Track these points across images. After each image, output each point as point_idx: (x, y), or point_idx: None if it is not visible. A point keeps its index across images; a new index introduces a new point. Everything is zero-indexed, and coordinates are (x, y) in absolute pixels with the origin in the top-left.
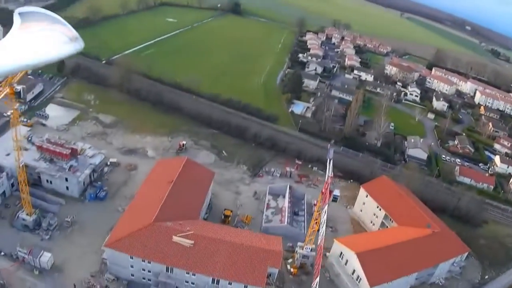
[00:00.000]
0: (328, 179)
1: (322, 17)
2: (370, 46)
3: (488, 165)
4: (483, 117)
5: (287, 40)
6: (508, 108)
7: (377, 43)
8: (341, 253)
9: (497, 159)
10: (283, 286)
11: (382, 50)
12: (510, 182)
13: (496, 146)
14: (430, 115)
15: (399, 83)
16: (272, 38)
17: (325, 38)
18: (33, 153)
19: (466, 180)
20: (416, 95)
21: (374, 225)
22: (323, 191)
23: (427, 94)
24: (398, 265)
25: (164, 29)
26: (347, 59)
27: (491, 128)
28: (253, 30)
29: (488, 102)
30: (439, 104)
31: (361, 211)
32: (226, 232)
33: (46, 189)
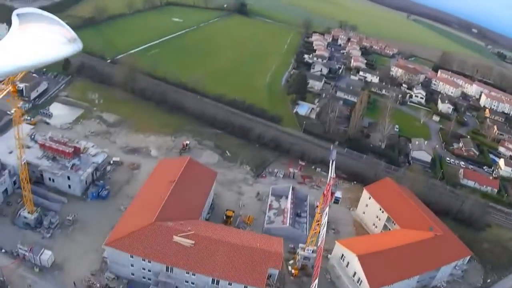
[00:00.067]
0: (330, 180)
1: (328, 18)
2: (376, 47)
3: (493, 168)
4: (488, 120)
5: (293, 41)
6: None
7: (383, 44)
8: (342, 255)
9: (501, 162)
10: (283, 287)
11: (388, 52)
12: None
13: (501, 149)
14: (435, 118)
15: (404, 85)
16: (278, 39)
17: (331, 39)
18: (36, 151)
19: (470, 183)
20: (421, 97)
21: (377, 227)
22: (325, 192)
23: (432, 96)
24: (400, 267)
25: (170, 29)
26: (353, 61)
27: (496, 131)
28: (259, 31)
29: (494, 105)
30: (444, 107)
31: (364, 213)
32: (227, 232)
33: (49, 187)
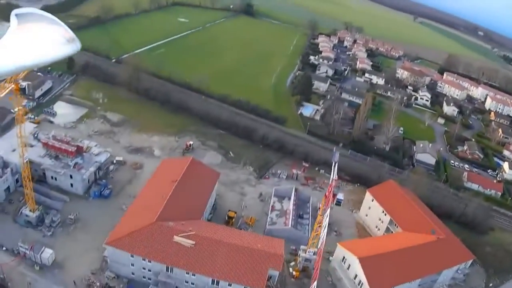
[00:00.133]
0: (332, 182)
1: (335, 20)
2: (382, 49)
3: (497, 171)
4: (493, 123)
5: (299, 42)
6: None
7: (389, 46)
8: (343, 257)
9: (505, 165)
10: None
11: (394, 54)
12: None
13: (506, 153)
14: (440, 120)
15: (410, 87)
16: (284, 40)
17: (337, 41)
18: (38, 149)
19: (474, 186)
20: (426, 100)
21: (379, 230)
22: (327, 194)
23: (437, 99)
24: (401, 271)
25: (176, 29)
26: (359, 62)
27: (501, 134)
28: (265, 32)
29: (499, 108)
30: (449, 109)
31: (366, 215)
32: (228, 233)
33: (51, 185)
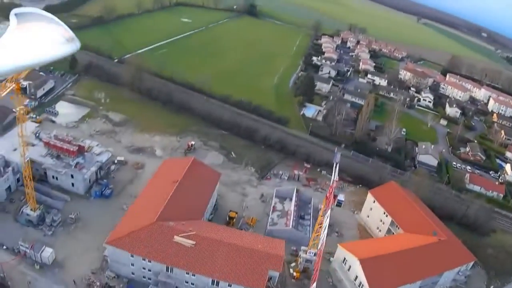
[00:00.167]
0: (333, 183)
1: (338, 20)
2: (385, 50)
3: (499, 173)
4: (495, 124)
5: (302, 43)
6: None
7: (392, 48)
8: (344, 258)
9: (508, 167)
10: None
11: (397, 55)
12: None
13: (508, 154)
14: (443, 122)
15: (412, 88)
16: (287, 40)
17: (340, 42)
18: (40, 149)
19: (476, 188)
20: (429, 101)
21: (381, 231)
22: (327, 195)
23: (440, 100)
24: (402, 272)
25: (179, 29)
26: (362, 63)
27: (503, 136)
28: (268, 32)
29: (501, 110)
30: (452, 111)
31: (368, 217)
32: (228, 234)
33: (52, 185)
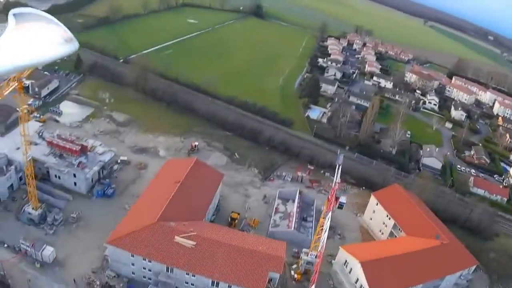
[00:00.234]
0: (335, 185)
1: (345, 22)
2: (391, 53)
3: (503, 176)
4: (500, 128)
5: (308, 45)
6: None
7: (398, 50)
8: (345, 261)
9: None
10: None
11: (404, 57)
12: None
13: None
14: (448, 124)
15: (418, 91)
16: (293, 42)
17: (346, 44)
18: (43, 148)
19: (480, 191)
20: (434, 104)
21: (383, 234)
22: (329, 197)
23: (446, 103)
24: (403, 275)
25: (185, 30)
26: (367, 66)
27: (508, 140)
28: (274, 34)
29: (507, 113)
30: (457, 114)
31: (371, 219)
32: (229, 235)
33: (54, 184)
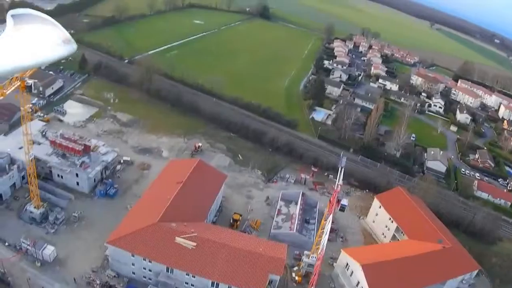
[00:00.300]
0: (337, 187)
1: (351, 24)
2: (397, 55)
3: (508, 180)
4: (505, 131)
5: (314, 47)
6: None
7: (404, 53)
8: (347, 264)
9: None
10: None
11: (410, 60)
12: None
13: None
14: (453, 128)
15: (423, 93)
16: (299, 43)
17: (352, 46)
18: (46, 147)
19: (484, 195)
20: (440, 107)
21: (386, 237)
22: (331, 199)
23: (451, 106)
24: (404, 279)
25: (191, 30)
26: (373, 68)
27: None
28: (280, 35)
29: None
30: (462, 117)
31: (373, 222)
32: (230, 236)
33: (57, 183)
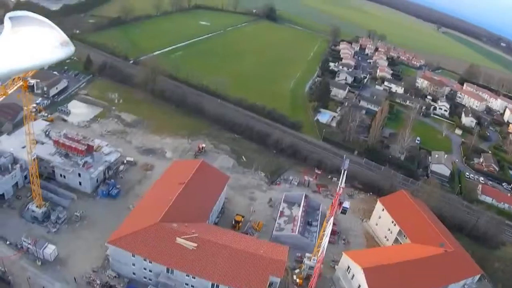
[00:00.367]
0: (339, 190)
1: (357, 27)
2: (403, 58)
3: None
4: (510, 135)
5: (320, 49)
6: None
7: (410, 55)
8: (348, 267)
9: None
10: None
11: (415, 63)
12: None
13: None
14: (458, 131)
15: (429, 96)
16: (305, 45)
17: (358, 48)
18: (49, 147)
19: (488, 199)
20: (445, 110)
21: (388, 240)
22: (333, 202)
23: (456, 109)
24: (405, 283)
25: (197, 32)
26: (379, 70)
27: None
28: (286, 37)
29: None
30: (467, 120)
31: (376, 225)
32: (231, 237)
33: (60, 183)
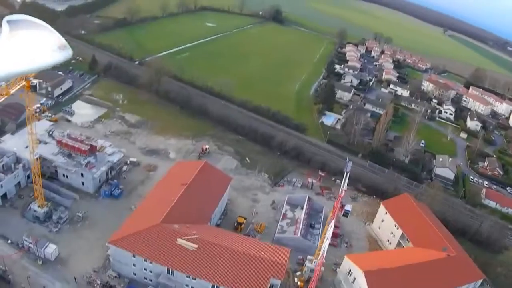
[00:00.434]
0: (342, 192)
1: (364, 29)
2: (409, 61)
3: None
4: None
5: (326, 51)
6: None
7: (416, 58)
8: (350, 270)
9: None
10: None
11: (421, 66)
12: None
13: None
14: (463, 135)
15: (434, 100)
16: (311, 48)
17: (364, 50)
18: (52, 147)
19: (492, 203)
20: (450, 113)
21: (391, 244)
22: (335, 204)
23: (462, 113)
24: (407, 287)
25: (203, 33)
26: (384, 73)
27: None
28: (292, 39)
29: None
30: (472, 124)
31: (379, 228)
32: (232, 239)
33: (62, 183)
